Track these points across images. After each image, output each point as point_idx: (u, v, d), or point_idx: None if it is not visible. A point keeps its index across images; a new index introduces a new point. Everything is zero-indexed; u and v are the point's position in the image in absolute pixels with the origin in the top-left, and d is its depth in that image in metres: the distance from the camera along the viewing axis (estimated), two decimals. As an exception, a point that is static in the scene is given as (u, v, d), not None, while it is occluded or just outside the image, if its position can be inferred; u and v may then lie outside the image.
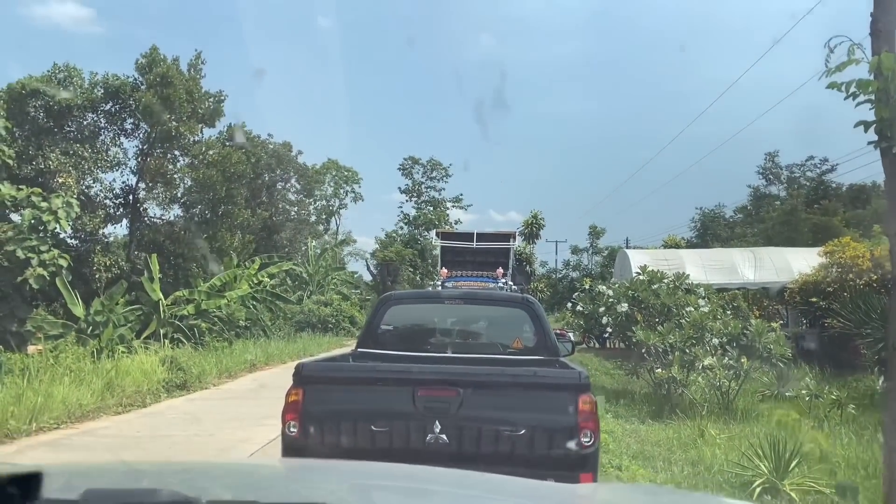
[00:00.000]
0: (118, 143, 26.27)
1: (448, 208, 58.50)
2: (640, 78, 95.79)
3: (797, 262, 22.54)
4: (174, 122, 24.67)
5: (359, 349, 6.59)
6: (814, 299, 19.46)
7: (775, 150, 49.25)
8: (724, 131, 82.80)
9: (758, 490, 6.84)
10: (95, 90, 24.75)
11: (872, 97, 3.83)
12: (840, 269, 19.39)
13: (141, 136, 26.42)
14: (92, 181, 25.06)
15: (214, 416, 11.74)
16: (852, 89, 3.83)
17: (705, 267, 23.73)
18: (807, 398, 13.05)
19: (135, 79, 25.13)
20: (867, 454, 8.23)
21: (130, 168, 26.84)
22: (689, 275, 17.66)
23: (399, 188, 58.89)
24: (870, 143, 3.94)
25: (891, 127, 3.80)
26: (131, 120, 25.78)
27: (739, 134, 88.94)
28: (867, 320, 13.95)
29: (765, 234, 39.88)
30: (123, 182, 26.86)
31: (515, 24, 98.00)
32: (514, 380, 4.93)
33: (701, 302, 14.71)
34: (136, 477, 2.40)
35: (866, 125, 3.88)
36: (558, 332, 23.69)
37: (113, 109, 25.49)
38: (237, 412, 12.09)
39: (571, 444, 4.51)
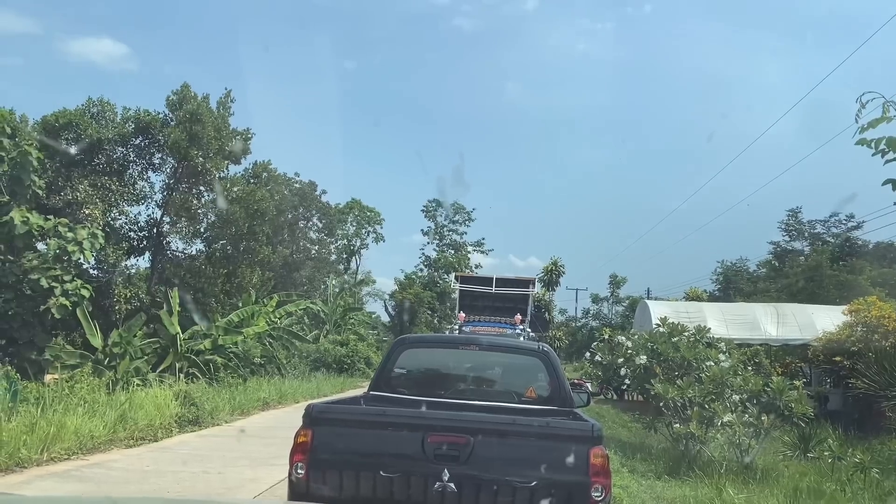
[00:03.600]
0: (145, 177, 26.79)
1: (469, 252, 58.63)
2: (665, 128, 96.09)
3: (821, 320, 22.18)
4: (201, 158, 25.08)
5: (371, 392, 6.53)
6: (838, 358, 19.09)
7: (798, 206, 48.94)
8: (751, 185, 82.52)
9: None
10: (127, 125, 25.31)
11: (902, 156, 3.78)
12: (865, 329, 19.05)
13: (168, 170, 26.89)
14: (118, 213, 25.47)
15: (224, 454, 11.64)
16: (881, 146, 3.78)
17: (727, 321, 23.41)
18: (829, 460, 12.70)
19: (165, 115, 25.69)
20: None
21: (156, 202, 27.30)
22: (709, 328, 17.44)
23: (421, 230, 59.24)
24: (896, 203, 3.89)
25: (918, 186, 3.74)
26: (159, 155, 26.27)
27: (766, 188, 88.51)
28: (892, 382, 13.65)
29: (788, 289, 39.37)
30: (148, 215, 27.31)
31: (542, 71, 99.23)
32: (525, 429, 4.85)
33: (721, 357, 14.48)
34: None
35: (895, 184, 3.83)
36: (576, 381, 23.35)
37: (142, 144, 26.02)
38: (247, 451, 11.97)
39: (582, 499, 4.40)
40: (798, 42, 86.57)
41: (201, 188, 27.21)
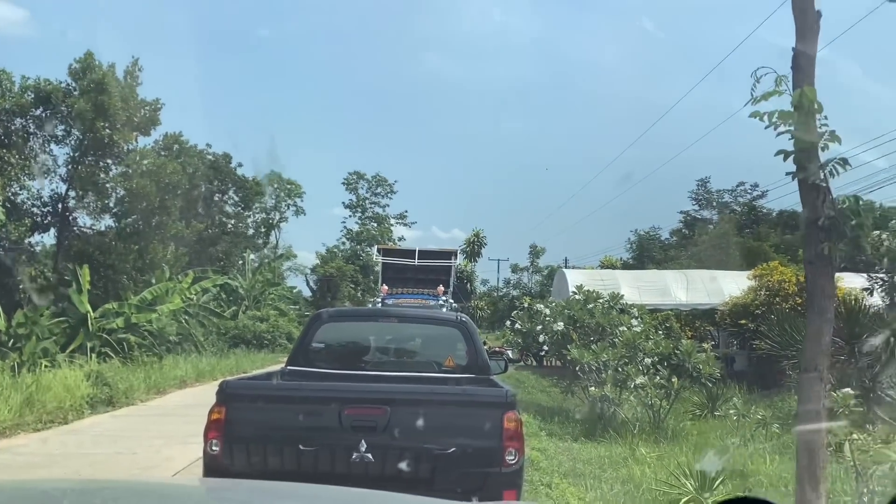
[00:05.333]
0: (48, 149, 25.39)
1: (392, 225, 58.49)
2: (580, 102, 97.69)
3: (728, 285, 23.24)
4: (108, 130, 23.99)
5: (289, 367, 6.48)
6: (743, 321, 20.08)
7: (707, 176, 50.82)
8: (664, 156, 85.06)
9: (684, 508, 6.96)
10: (26, 94, 23.92)
11: (792, 128, 3.97)
12: (768, 293, 20.08)
13: (72, 143, 25.60)
14: (18, 188, 24.14)
15: (139, 434, 11.36)
16: (774, 119, 3.96)
17: (639, 288, 24.24)
18: (734, 418, 13.41)
19: (67, 84, 24.39)
20: (788, 472, 8.46)
21: (60, 176, 25.97)
22: (623, 295, 18.03)
23: (343, 203, 58.65)
24: (788, 173, 4.09)
25: (808, 158, 3.94)
26: (63, 126, 24.97)
27: (677, 158, 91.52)
28: (792, 342, 14.42)
29: (697, 257, 41.01)
30: (52, 190, 25.97)
31: (460, 43, 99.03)
32: (441, 397, 4.95)
33: (634, 322, 15.01)
34: (51, 497, 2.30)
35: (786, 155, 4.02)
36: (497, 349, 23.80)
37: (43, 115, 24.65)
38: (163, 430, 11.70)
39: (496, 462, 4.52)
40: (716, 9, 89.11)
41: (109, 161, 26.03)
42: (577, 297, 16.83)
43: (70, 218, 26.31)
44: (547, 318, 16.17)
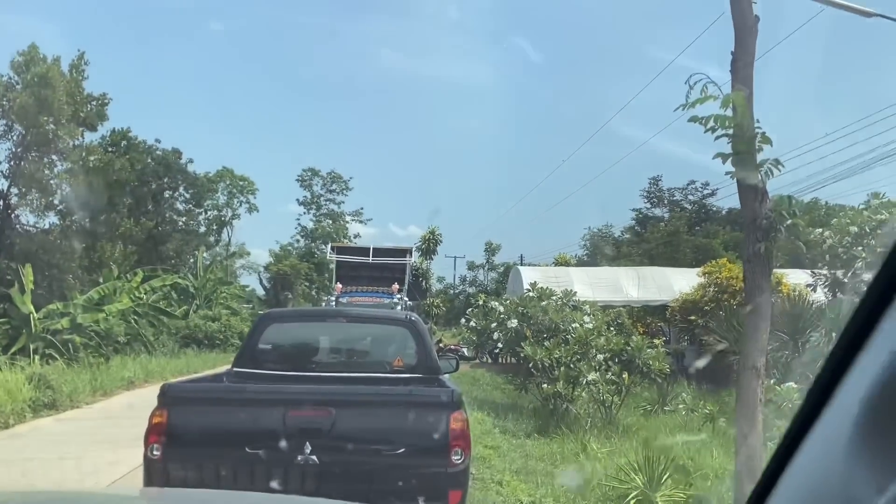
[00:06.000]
0: (-12, 145, 24.59)
1: (348, 222, 58.10)
2: (536, 99, 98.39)
3: (678, 282, 23.67)
4: (52, 125, 23.35)
5: (235, 368, 6.38)
6: (693, 317, 20.47)
7: (658, 175, 51.64)
8: (619, 153, 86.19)
9: (632, 503, 7.06)
10: (-36, 88, 23.12)
11: (730, 131, 4.05)
12: (717, 289, 20.51)
13: (14, 138, 24.83)
14: (-43, 185, 23.36)
15: (82, 438, 11.07)
16: (710, 124, 4.03)
17: (592, 284, 24.54)
18: (683, 412, 13.68)
19: (9, 78, 23.67)
20: (733, 465, 8.66)
21: (2, 172, 25.18)
22: (576, 292, 18.23)
23: (297, 200, 58.03)
24: (727, 173, 4.17)
25: (745, 160, 4.03)
26: (4, 121, 24.20)
27: (630, 156, 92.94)
28: (739, 338, 14.75)
29: (649, 254, 41.70)
30: (-8, 187, 25.15)
31: (415, 40, 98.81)
32: (387, 398, 4.93)
33: (586, 318, 15.17)
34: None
35: (724, 157, 4.10)
36: (453, 347, 23.95)
37: (-17, 109, 23.85)
38: (108, 433, 11.41)
39: (442, 462, 4.52)
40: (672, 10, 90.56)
41: (53, 157, 25.35)
42: (531, 294, 16.96)
43: (12, 216, 25.52)
44: (502, 316, 16.26)
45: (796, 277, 18.55)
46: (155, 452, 4.56)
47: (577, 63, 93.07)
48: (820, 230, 15.64)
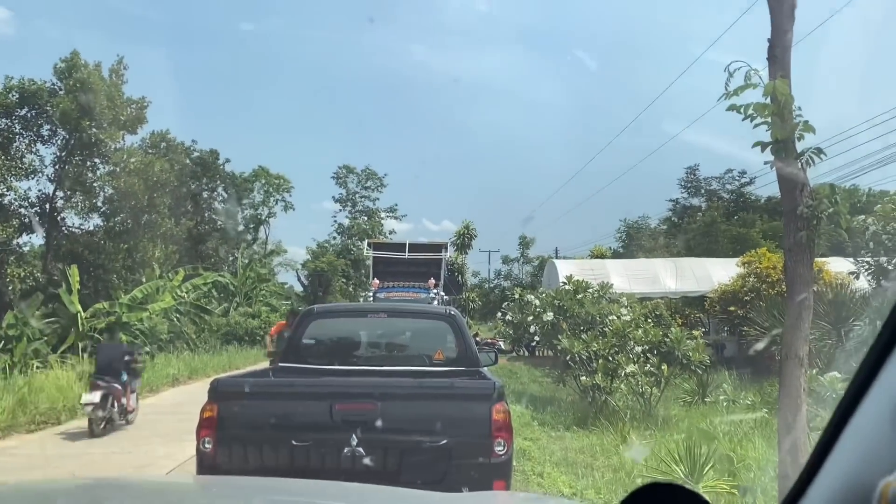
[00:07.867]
0: (34, 149, 25.31)
1: (383, 218, 58.25)
2: (570, 90, 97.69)
3: (717, 272, 23.37)
4: (94, 129, 23.93)
5: (281, 363, 6.54)
6: (732, 308, 20.22)
7: (696, 164, 50.89)
8: (654, 143, 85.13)
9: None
10: (10, 95, 23.80)
11: (769, 120, 4.03)
12: (756, 279, 20.23)
13: (59, 142, 25.52)
14: (5, 189, 24.06)
15: (132, 433, 11.38)
16: (750, 112, 4.02)
17: (629, 277, 24.37)
18: (724, 404, 13.55)
19: (53, 84, 24.31)
20: (776, 456, 8.58)
21: (47, 176, 25.89)
22: (612, 284, 18.14)
23: (333, 197, 58.35)
24: (766, 162, 4.15)
25: (785, 148, 4.01)
26: (48, 126, 24.87)
27: (666, 146, 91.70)
28: (781, 328, 14.58)
29: (686, 244, 41.15)
30: (40, 190, 25.88)
31: (448, 35, 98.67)
32: (430, 391, 5.01)
33: (623, 311, 15.09)
34: (45, 497, 2.33)
35: (763, 146, 4.09)
36: (490, 341, 23.98)
37: (28, 115, 24.55)
38: (156, 428, 11.73)
39: (485, 454, 4.59)
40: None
41: (96, 160, 26.00)
42: (566, 287, 16.92)
43: (58, 218, 26.24)
44: (537, 309, 16.25)
45: (838, 265, 18.22)
46: (207, 445, 4.70)
47: (614, 56, 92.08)
48: (862, 217, 15.34)
